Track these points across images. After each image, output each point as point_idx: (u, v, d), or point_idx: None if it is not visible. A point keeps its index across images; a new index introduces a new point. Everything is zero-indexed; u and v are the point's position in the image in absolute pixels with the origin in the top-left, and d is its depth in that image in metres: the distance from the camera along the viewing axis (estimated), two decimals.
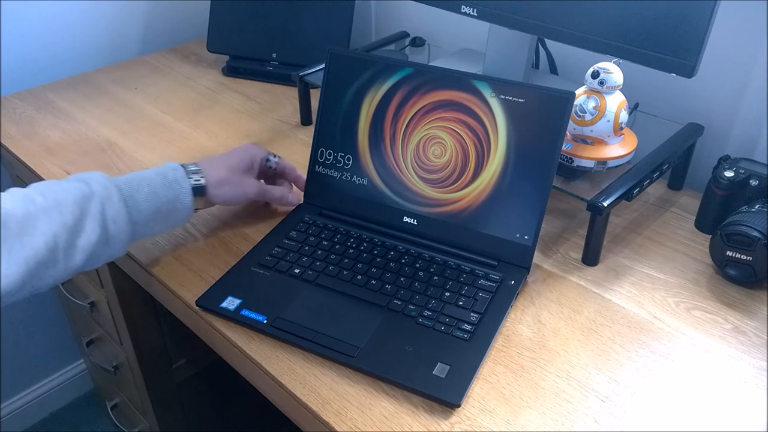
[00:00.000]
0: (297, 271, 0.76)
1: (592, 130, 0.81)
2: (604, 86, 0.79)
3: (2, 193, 0.66)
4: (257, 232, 0.85)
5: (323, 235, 0.81)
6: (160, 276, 0.79)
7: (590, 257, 0.81)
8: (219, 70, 1.32)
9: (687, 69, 0.74)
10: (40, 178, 0.99)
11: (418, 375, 0.64)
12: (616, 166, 0.83)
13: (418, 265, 0.77)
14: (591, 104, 0.80)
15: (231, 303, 0.72)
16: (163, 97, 1.21)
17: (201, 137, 1.08)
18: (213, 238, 0.85)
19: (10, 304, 0.65)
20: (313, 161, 0.86)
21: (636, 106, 0.97)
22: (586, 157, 0.81)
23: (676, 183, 0.95)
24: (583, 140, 0.82)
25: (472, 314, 0.70)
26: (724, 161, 0.86)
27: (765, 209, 0.76)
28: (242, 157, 0.83)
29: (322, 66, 0.84)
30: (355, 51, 0.84)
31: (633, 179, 0.80)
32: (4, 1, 1.21)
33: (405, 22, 1.32)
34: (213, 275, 0.78)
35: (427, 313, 0.71)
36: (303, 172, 0.88)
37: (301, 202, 0.87)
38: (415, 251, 0.79)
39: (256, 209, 0.90)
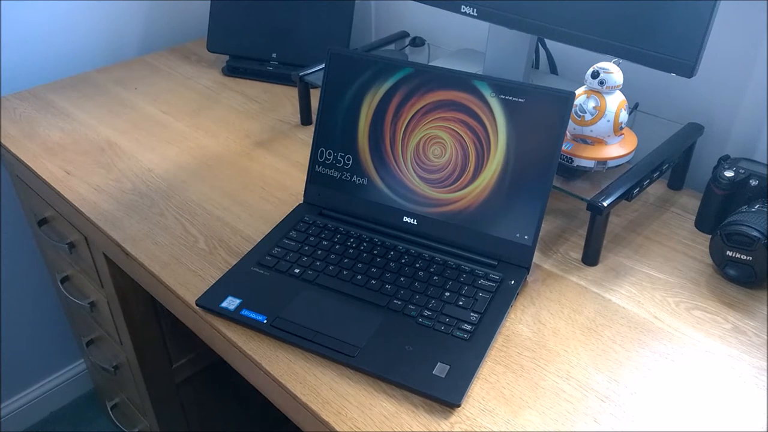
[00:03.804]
0: (297, 270, 0.76)
1: (592, 130, 0.81)
2: (604, 86, 0.79)
3: None
4: (257, 232, 0.85)
5: (323, 235, 0.81)
6: (160, 276, 0.79)
7: (590, 257, 0.81)
8: (219, 70, 1.32)
9: (687, 69, 0.74)
10: (40, 178, 0.99)
11: (418, 375, 0.64)
12: (616, 166, 0.83)
13: (418, 265, 0.77)
14: (591, 104, 0.80)
15: (231, 303, 0.72)
16: (163, 97, 1.21)
17: (201, 137, 1.08)
18: (213, 238, 0.85)
19: (11, 303, 0.64)
20: (313, 161, 0.86)
21: (636, 106, 0.97)
22: (586, 157, 0.81)
23: (676, 183, 0.95)
24: (583, 140, 0.82)
25: (472, 314, 0.70)
26: (724, 161, 0.86)
27: (765, 209, 0.76)
28: None
29: (322, 66, 0.85)
30: (355, 51, 0.84)
31: (633, 179, 0.80)
32: (4, 1, 1.21)
33: (405, 22, 1.32)
34: (213, 275, 0.78)
35: (427, 312, 0.71)
36: (303, 172, 0.88)
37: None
38: (414, 251, 0.79)
39: (256, 209, 0.90)
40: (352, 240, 0.80)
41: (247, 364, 0.70)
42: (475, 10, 0.90)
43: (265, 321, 0.70)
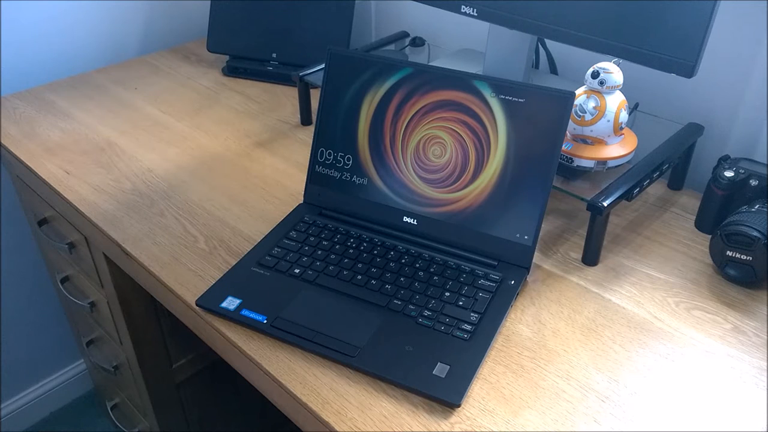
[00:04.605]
0: (297, 271, 0.76)
1: (592, 130, 0.81)
2: (604, 86, 0.79)
3: None
4: (257, 232, 0.85)
5: (323, 235, 0.81)
6: (160, 276, 0.79)
7: (590, 257, 0.81)
8: (219, 70, 1.32)
9: (687, 69, 0.74)
10: (40, 178, 0.99)
11: (418, 375, 0.64)
12: (616, 166, 0.83)
13: (418, 265, 0.77)
14: (591, 104, 0.80)
15: (231, 303, 0.72)
16: (163, 97, 1.21)
17: (201, 137, 1.08)
18: (213, 238, 0.85)
19: (11, 303, 0.64)
20: (313, 161, 0.86)
21: (636, 106, 0.97)
22: (586, 157, 0.81)
23: (676, 183, 0.95)
24: (583, 140, 0.82)
25: (472, 314, 0.70)
26: (724, 161, 0.86)
27: (765, 209, 0.76)
28: None
29: (322, 66, 0.85)
30: (355, 51, 0.84)
31: (633, 179, 0.80)
32: (4, 1, 1.21)
33: (405, 22, 1.32)
34: (213, 275, 0.78)
35: (427, 313, 0.71)
36: (303, 172, 0.88)
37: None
38: (415, 251, 0.79)
39: (256, 209, 0.90)
40: (352, 240, 0.80)
41: (247, 364, 0.70)
42: (475, 10, 0.90)
43: (265, 321, 0.70)
